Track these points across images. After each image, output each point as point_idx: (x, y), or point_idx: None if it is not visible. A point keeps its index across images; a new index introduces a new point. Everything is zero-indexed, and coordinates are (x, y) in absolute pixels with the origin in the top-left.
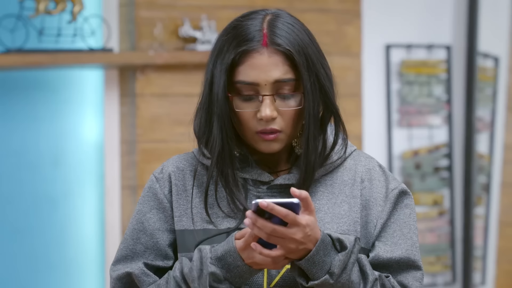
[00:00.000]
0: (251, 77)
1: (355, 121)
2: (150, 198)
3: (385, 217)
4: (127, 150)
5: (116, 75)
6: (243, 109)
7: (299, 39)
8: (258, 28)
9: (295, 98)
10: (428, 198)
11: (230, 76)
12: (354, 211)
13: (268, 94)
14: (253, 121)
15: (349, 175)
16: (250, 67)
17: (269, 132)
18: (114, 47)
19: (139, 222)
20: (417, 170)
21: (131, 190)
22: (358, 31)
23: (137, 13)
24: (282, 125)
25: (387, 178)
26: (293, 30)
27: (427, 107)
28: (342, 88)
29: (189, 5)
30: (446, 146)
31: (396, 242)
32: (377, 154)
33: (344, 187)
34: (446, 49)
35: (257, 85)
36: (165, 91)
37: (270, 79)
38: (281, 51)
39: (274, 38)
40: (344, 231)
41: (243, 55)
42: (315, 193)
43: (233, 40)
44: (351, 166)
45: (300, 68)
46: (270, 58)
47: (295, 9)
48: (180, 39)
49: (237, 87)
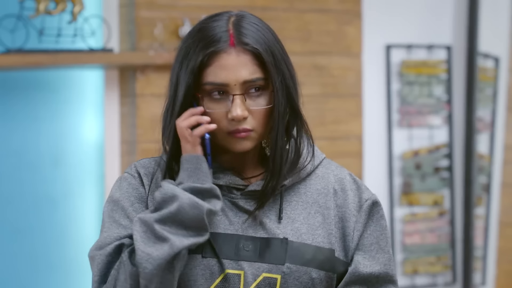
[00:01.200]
0: (221, 78)
1: (356, 121)
2: (130, 193)
3: (361, 229)
4: (127, 150)
5: (116, 75)
6: (214, 110)
7: (265, 38)
8: (224, 29)
9: (264, 96)
10: (429, 198)
11: (198, 78)
12: (328, 223)
13: (238, 93)
14: (224, 122)
15: (322, 184)
16: (219, 68)
17: (241, 131)
18: (114, 47)
19: (123, 217)
20: (418, 170)
21: None
22: (358, 31)
23: (137, 13)
24: (253, 124)
25: (359, 187)
26: (258, 29)
27: (428, 107)
28: (342, 88)
29: (189, 5)
30: (446, 146)
31: (374, 256)
32: (377, 154)
33: (317, 196)
34: (447, 49)
35: (227, 86)
36: (165, 91)
37: (240, 79)
38: (249, 50)
39: (241, 37)
40: (319, 243)
41: (211, 56)
42: (289, 202)
43: (199, 42)
44: (323, 174)
45: (268, 66)
46: (238, 58)
47: (295, 9)
48: (180, 39)
49: (206, 89)
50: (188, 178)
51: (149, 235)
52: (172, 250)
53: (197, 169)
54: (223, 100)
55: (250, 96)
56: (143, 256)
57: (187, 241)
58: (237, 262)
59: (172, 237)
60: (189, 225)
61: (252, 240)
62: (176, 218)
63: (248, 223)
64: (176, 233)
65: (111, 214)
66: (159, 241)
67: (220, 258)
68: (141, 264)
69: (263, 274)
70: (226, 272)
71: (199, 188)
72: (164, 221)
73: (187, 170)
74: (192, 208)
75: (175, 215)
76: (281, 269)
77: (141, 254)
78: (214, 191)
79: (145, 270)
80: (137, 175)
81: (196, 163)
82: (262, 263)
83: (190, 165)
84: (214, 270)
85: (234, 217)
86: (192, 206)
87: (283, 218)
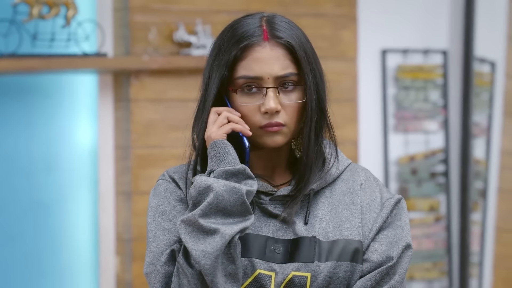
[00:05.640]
0: (254, 71)
1: (351, 126)
2: (169, 197)
3: (380, 222)
4: (122, 155)
5: (110, 80)
6: (247, 103)
7: (297, 35)
8: (258, 25)
9: (297, 92)
10: (425, 203)
11: (231, 72)
12: (355, 216)
13: (271, 86)
14: (257, 116)
15: (348, 186)
16: (253, 61)
17: (274, 125)
18: (108, 52)
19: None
20: (413, 175)
21: (125, 196)
22: (354, 35)
23: (131, 17)
24: (285, 119)
25: (381, 189)
26: (291, 27)
27: (423, 112)
28: (338, 93)
29: (183, 10)
30: (442, 152)
31: (391, 241)
32: (373, 160)
33: (343, 197)
34: (443, 54)
35: (261, 79)
36: (160, 96)
37: (273, 73)
38: (282, 44)
39: (274, 32)
40: (347, 235)
41: (245, 50)
42: (316, 204)
43: (232, 37)
44: (349, 177)
45: (301, 61)
46: (272, 52)
47: (290, 14)
48: (174, 44)
49: (239, 83)
50: (218, 164)
51: (197, 233)
52: (225, 239)
53: (225, 153)
54: (256, 94)
55: (283, 91)
56: (199, 254)
57: (236, 227)
58: (268, 263)
59: (220, 227)
60: (233, 210)
61: (282, 243)
62: (217, 207)
63: (278, 226)
64: (222, 222)
65: (154, 221)
66: (209, 235)
67: (252, 258)
68: (199, 262)
69: (292, 272)
70: (258, 272)
71: (231, 170)
72: (207, 214)
73: (215, 156)
74: (230, 194)
75: (216, 205)
76: (311, 267)
77: (196, 253)
78: (247, 171)
79: (205, 266)
80: (171, 180)
81: (223, 147)
82: (292, 262)
83: (217, 150)
84: (247, 269)
85: (264, 221)
86: (230, 191)
87: (311, 218)
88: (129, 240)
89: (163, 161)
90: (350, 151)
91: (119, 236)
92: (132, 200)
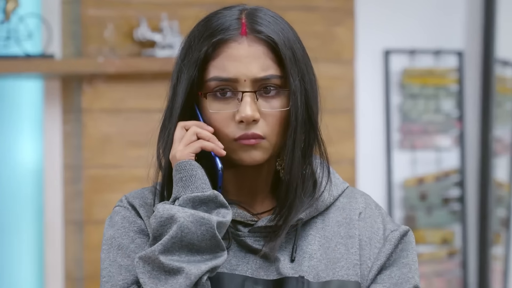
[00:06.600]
0: (229, 72)
1: (348, 142)
2: (127, 228)
3: (383, 259)
4: (72, 177)
5: (58, 87)
6: (219, 111)
7: (283, 31)
8: (236, 17)
9: (280, 97)
10: (436, 235)
11: (202, 73)
12: (352, 253)
13: (248, 91)
14: (231, 126)
15: (343, 214)
16: (227, 59)
17: (251, 137)
18: (55, 52)
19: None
20: (422, 201)
21: (76, 226)
22: (351, 32)
23: (83, 11)
24: (265, 130)
25: (384, 219)
26: (277, 22)
27: (434, 125)
28: (332, 103)
29: (146, 2)
30: (457, 173)
31: (395, 283)
32: (374, 182)
33: (338, 228)
34: (457, 55)
35: (236, 81)
36: (118, 105)
37: (251, 74)
38: (263, 40)
39: (255, 25)
40: (342, 276)
41: (218, 46)
42: (305, 237)
43: (204, 32)
44: (345, 205)
45: (285, 61)
46: (250, 48)
47: (275, 7)
48: (135, 43)
49: (210, 86)
50: (184, 189)
51: (157, 272)
52: (190, 281)
53: (192, 176)
54: (230, 99)
55: (263, 96)
56: None
57: (204, 265)
58: None
59: (185, 266)
60: (201, 246)
61: (263, 284)
62: (182, 242)
63: (258, 263)
64: (188, 260)
65: (109, 256)
66: (172, 275)
67: None
68: None
69: None
70: None
71: (200, 197)
72: (169, 250)
73: (181, 180)
74: (197, 225)
75: (180, 239)
76: None
77: None
78: (219, 198)
79: None
80: (130, 207)
81: (190, 169)
82: None
83: (184, 173)
84: None
85: (242, 258)
86: (197, 222)
87: (299, 254)
88: (80, 278)
89: (122, 184)
90: (346, 172)
91: (68, 274)
92: (84, 231)
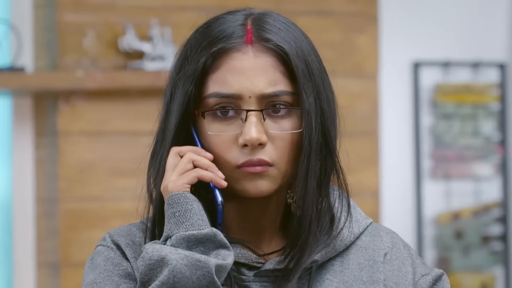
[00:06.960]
0: (231, 87)
1: (371, 170)
2: (110, 271)
3: None
4: (45, 211)
5: (29, 105)
6: (219, 132)
7: (296, 40)
8: (240, 23)
9: (292, 118)
10: (475, 280)
11: (200, 88)
12: None
13: (254, 109)
14: (234, 150)
15: (366, 256)
16: (229, 72)
17: (256, 164)
18: (26, 65)
19: None
20: (458, 240)
21: (50, 269)
22: (374, 42)
23: (59, 17)
24: (273, 156)
25: (413, 261)
26: (288, 29)
27: (473, 150)
28: (352, 124)
29: (133, 6)
30: (499, 206)
31: None
32: (401, 217)
33: (360, 272)
34: (499, 68)
35: (239, 98)
36: (100, 127)
37: (257, 89)
38: (271, 50)
39: (262, 33)
40: None
41: (218, 57)
42: (321, 282)
43: (203, 40)
44: (367, 244)
45: (298, 75)
46: (256, 59)
47: (285, 12)
48: (120, 54)
49: (209, 103)
50: (178, 226)
51: None
52: None
53: (187, 211)
54: (233, 119)
55: (271, 116)
56: None
57: None
58: None
59: None
60: None
61: None
62: None
63: None
64: None
65: None
66: None
67: None
68: None
69: None
70: None
71: (196, 236)
72: None
73: (174, 215)
74: (193, 270)
75: (172, 285)
76: None
77: None
78: (219, 237)
79: None
80: (115, 247)
81: (184, 203)
82: None
83: (177, 207)
84: None
85: None
86: (192, 266)
87: None
88: None
89: (104, 220)
90: (369, 206)
91: None
92: (60, 275)
